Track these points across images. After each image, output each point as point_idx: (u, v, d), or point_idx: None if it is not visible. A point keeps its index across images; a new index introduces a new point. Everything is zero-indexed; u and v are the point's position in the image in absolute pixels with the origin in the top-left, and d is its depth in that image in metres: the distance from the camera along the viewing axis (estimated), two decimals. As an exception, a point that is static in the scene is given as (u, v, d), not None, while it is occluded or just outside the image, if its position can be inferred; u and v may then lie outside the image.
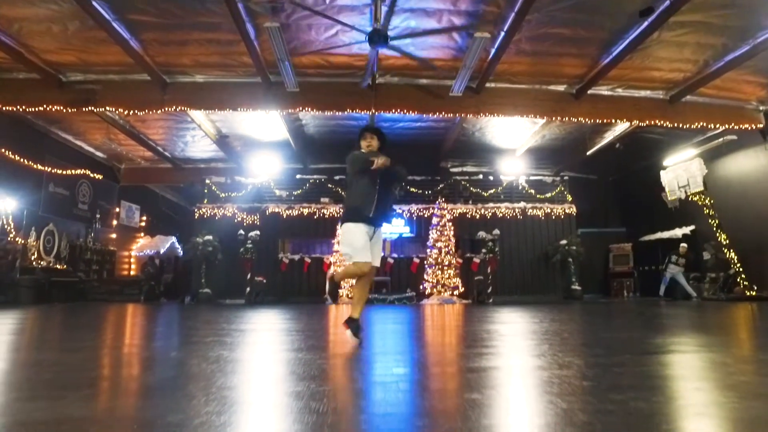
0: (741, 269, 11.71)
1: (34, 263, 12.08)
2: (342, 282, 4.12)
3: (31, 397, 1.99)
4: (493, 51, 9.01)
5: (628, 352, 3.30)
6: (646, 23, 8.04)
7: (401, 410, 1.83)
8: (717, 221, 12.37)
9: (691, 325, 5.63)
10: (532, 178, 15.02)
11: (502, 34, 8.40)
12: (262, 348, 3.78)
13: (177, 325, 6.13)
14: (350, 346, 3.65)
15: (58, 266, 12.86)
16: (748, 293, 11.26)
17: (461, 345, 3.91)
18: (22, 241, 11.90)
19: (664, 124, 11.11)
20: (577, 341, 4.03)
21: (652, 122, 11.08)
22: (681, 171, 13.49)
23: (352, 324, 3.52)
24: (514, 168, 14.87)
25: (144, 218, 18.07)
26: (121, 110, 10.69)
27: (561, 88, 10.72)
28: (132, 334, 5.03)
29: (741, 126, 11.13)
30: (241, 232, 13.01)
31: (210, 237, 12.85)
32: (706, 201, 12.63)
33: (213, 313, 8.21)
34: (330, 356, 3.26)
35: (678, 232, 13.58)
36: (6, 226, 11.44)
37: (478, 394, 2.02)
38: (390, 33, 8.22)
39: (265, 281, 12.72)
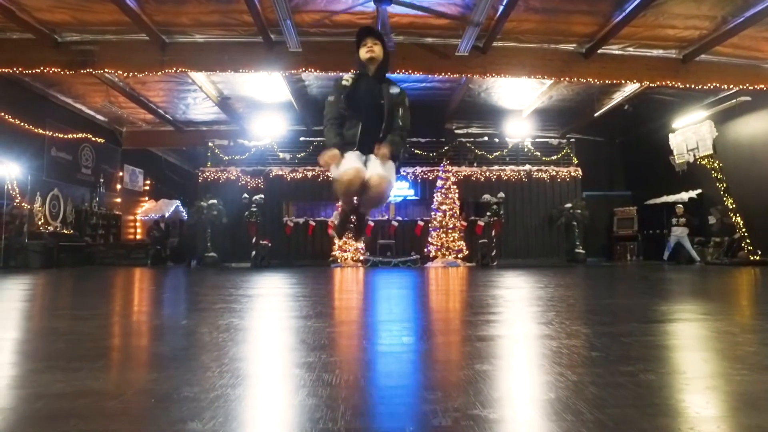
0: (746, 234, 11.67)
1: (41, 228, 12.16)
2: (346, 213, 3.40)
3: (47, 368, 2.02)
4: (501, 8, 8.68)
5: (635, 320, 3.32)
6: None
7: (412, 382, 1.85)
8: (725, 185, 12.22)
9: (694, 291, 5.67)
10: (537, 140, 14.81)
11: (512, -11, 8.07)
12: (270, 315, 3.83)
13: (185, 291, 6.22)
14: (356, 313, 3.69)
15: (65, 231, 12.95)
16: (752, 258, 11.26)
17: (467, 311, 3.95)
18: (28, 207, 11.93)
19: (676, 85, 10.80)
20: (583, 308, 4.07)
21: (664, 83, 10.78)
22: (690, 133, 13.21)
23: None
24: (519, 130, 14.64)
25: (148, 182, 18.04)
26: (120, 72, 10.47)
27: (570, 47, 10.39)
28: (141, 300, 5.11)
29: (757, 86, 10.81)
30: (246, 195, 13.01)
31: (215, 201, 12.86)
32: (715, 164, 12.43)
33: (220, 277, 8.32)
34: (338, 323, 3.31)
35: (684, 196, 13.47)
36: (11, 192, 11.45)
37: (488, 365, 2.04)
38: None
39: (270, 245, 12.82)
